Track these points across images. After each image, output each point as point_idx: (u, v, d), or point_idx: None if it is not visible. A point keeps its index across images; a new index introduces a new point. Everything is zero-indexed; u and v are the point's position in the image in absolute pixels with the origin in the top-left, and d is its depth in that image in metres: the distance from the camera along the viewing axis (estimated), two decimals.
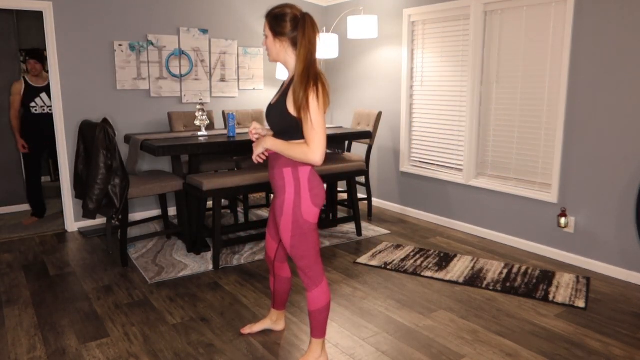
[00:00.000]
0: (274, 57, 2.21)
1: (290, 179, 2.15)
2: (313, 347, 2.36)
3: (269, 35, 2.16)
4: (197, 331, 2.76)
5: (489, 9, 4.10)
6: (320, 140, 2.04)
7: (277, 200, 2.20)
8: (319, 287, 2.25)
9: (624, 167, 3.37)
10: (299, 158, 2.08)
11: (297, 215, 2.15)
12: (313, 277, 2.24)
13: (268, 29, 2.16)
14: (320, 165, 2.12)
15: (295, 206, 2.15)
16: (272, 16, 2.14)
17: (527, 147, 3.97)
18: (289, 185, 2.15)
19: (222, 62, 5.20)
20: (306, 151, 2.05)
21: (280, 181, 2.17)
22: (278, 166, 2.17)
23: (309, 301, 2.27)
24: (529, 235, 4.01)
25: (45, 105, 4.74)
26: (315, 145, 2.04)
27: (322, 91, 2.06)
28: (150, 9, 4.74)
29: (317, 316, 2.28)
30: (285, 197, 2.16)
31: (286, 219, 2.17)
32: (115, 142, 3.49)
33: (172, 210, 5.08)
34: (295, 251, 2.20)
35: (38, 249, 4.11)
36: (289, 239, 2.19)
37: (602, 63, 3.41)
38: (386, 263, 3.73)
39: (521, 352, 2.54)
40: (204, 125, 4.20)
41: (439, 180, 4.72)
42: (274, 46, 2.17)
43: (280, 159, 2.17)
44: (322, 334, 2.34)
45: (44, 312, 3.00)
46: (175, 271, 3.59)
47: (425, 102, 4.78)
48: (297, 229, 2.17)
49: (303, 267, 2.23)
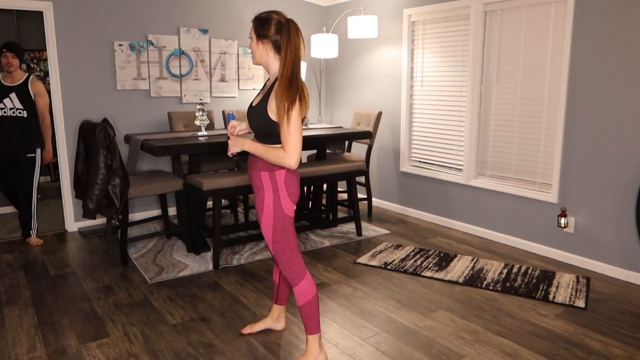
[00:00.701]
0: (257, 59, 2.28)
1: (268, 181, 2.24)
2: (310, 344, 2.38)
3: (254, 37, 2.24)
4: (197, 331, 2.76)
5: (489, 9, 4.10)
6: (296, 145, 2.11)
7: (257, 198, 2.29)
8: (304, 279, 2.31)
9: (624, 167, 3.37)
10: (275, 162, 2.15)
11: (278, 212, 2.24)
12: (296, 270, 2.30)
13: (253, 31, 2.24)
14: (294, 169, 2.18)
15: (276, 202, 2.24)
16: (258, 19, 2.22)
17: (527, 147, 3.97)
18: (266, 187, 2.24)
19: (222, 62, 5.20)
20: (282, 156, 2.12)
21: (258, 182, 2.26)
22: (256, 168, 2.25)
23: (297, 296, 2.32)
24: (529, 235, 4.01)
25: (15, 108, 4.05)
26: (290, 150, 2.11)
27: (304, 101, 2.14)
28: (150, 9, 4.74)
29: (308, 309, 2.32)
30: (265, 195, 2.25)
31: (267, 215, 2.25)
32: (115, 142, 3.49)
33: (172, 210, 5.08)
34: (277, 246, 2.27)
35: (38, 249, 4.11)
36: (270, 234, 2.27)
37: (602, 63, 3.41)
38: (386, 263, 3.73)
39: (521, 352, 2.54)
40: (204, 125, 4.20)
41: (439, 180, 4.72)
42: (257, 48, 2.24)
43: (258, 162, 2.24)
44: (316, 329, 2.36)
45: (44, 312, 3.00)
46: (175, 271, 3.59)
47: (425, 102, 4.78)
48: (279, 223, 2.25)
49: (286, 262, 2.29)
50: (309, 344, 2.38)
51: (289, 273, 2.30)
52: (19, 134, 4.10)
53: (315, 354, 2.37)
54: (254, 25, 2.23)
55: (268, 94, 2.19)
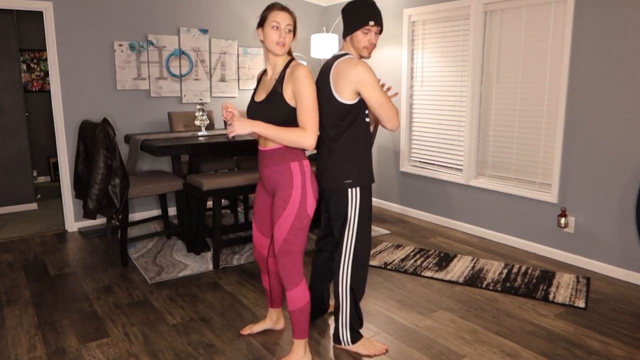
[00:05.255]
0: (284, 51, 2.21)
1: (298, 172, 2.19)
2: (296, 347, 2.38)
3: (292, 31, 2.19)
4: (197, 331, 2.76)
5: (489, 9, 4.10)
6: (316, 124, 2.13)
7: (281, 194, 2.20)
8: (299, 286, 2.28)
9: (624, 167, 3.37)
10: (291, 142, 2.12)
11: (302, 210, 2.19)
12: (294, 275, 2.26)
13: (293, 25, 2.19)
14: (312, 149, 2.17)
15: (302, 200, 2.19)
16: (291, 12, 2.21)
17: (527, 147, 3.97)
18: (296, 179, 2.19)
19: (222, 62, 5.20)
20: (301, 135, 2.11)
21: (287, 176, 2.19)
22: (283, 161, 2.19)
23: (289, 301, 2.29)
24: (529, 235, 4.01)
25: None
26: (311, 128, 2.11)
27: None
28: (150, 9, 4.74)
29: (298, 316, 2.31)
30: (293, 191, 2.18)
31: (289, 213, 2.19)
32: (115, 142, 3.49)
33: (172, 210, 5.08)
34: (287, 245, 2.22)
35: (38, 249, 4.11)
36: (285, 233, 2.21)
37: (602, 63, 3.41)
38: (386, 263, 3.73)
39: (521, 352, 2.54)
40: (204, 125, 4.20)
41: (439, 180, 4.72)
42: (290, 43, 2.22)
43: (285, 155, 2.19)
44: (304, 335, 2.36)
45: (44, 312, 3.00)
46: (175, 271, 3.59)
47: (425, 102, 4.78)
48: (297, 223, 2.20)
49: (287, 264, 2.25)
50: (295, 347, 2.38)
51: (286, 276, 2.26)
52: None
53: (299, 358, 2.37)
54: (293, 19, 2.19)
55: (279, 84, 2.17)
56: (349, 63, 2.24)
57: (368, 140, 2.40)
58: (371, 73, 2.23)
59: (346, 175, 2.35)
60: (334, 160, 2.36)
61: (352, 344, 2.46)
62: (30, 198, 5.32)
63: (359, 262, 2.44)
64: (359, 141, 2.36)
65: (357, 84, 2.22)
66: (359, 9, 2.32)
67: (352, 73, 2.21)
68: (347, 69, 2.22)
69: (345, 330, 2.46)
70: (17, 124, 5.16)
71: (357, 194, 2.37)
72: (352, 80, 2.22)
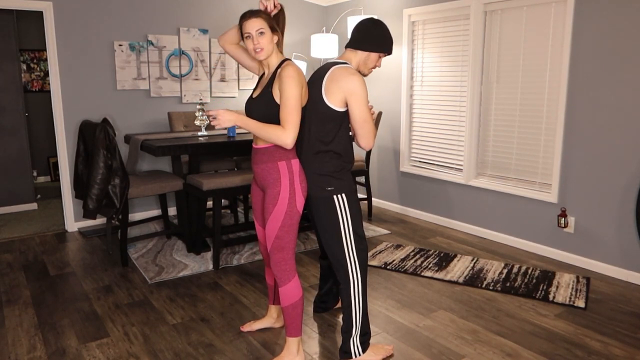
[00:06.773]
0: (266, 54, 2.21)
1: (285, 171, 2.22)
2: (289, 345, 2.38)
3: (267, 31, 2.18)
4: (197, 331, 2.76)
5: (489, 9, 4.10)
6: (295, 123, 2.13)
7: (270, 192, 2.24)
8: (292, 281, 2.30)
9: (624, 167, 3.37)
10: (270, 138, 2.14)
11: (291, 206, 2.23)
12: (287, 271, 2.29)
13: (267, 25, 2.18)
14: (291, 147, 2.16)
15: (291, 197, 2.22)
16: (266, 13, 2.21)
17: (527, 147, 3.97)
18: (284, 178, 2.22)
19: (222, 62, 5.20)
20: (279, 133, 2.12)
21: (275, 174, 2.23)
22: (271, 160, 2.23)
23: (282, 297, 2.31)
24: (529, 235, 4.01)
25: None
26: (290, 127, 2.12)
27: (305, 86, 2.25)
28: (150, 9, 4.74)
29: (291, 312, 2.32)
30: (281, 188, 2.22)
31: (280, 209, 2.22)
32: (115, 142, 3.49)
33: (172, 210, 5.08)
34: (279, 242, 2.25)
35: (38, 249, 4.11)
36: (277, 230, 2.24)
37: (602, 63, 3.41)
38: (386, 263, 3.73)
39: (521, 352, 2.54)
40: (204, 125, 4.20)
41: (439, 180, 4.72)
42: (271, 43, 2.22)
43: (274, 154, 2.23)
44: (297, 332, 2.37)
45: (44, 312, 3.00)
46: (175, 271, 3.59)
47: (425, 102, 4.78)
48: (288, 219, 2.23)
49: (280, 260, 2.27)
50: (288, 345, 2.38)
51: (279, 272, 2.29)
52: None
53: (292, 357, 2.37)
54: (265, 20, 2.17)
55: (271, 81, 2.22)
56: (346, 71, 2.25)
57: (348, 155, 2.39)
58: (364, 87, 2.25)
59: (328, 182, 2.34)
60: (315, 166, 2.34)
61: (363, 353, 2.45)
62: (30, 198, 5.32)
63: (361, 262, 2.43)
64: (339, 152, 2.35)
65: (348, 92, 2.23)
66: (388, 35, 2.37)
67: (347, 81, 2.23)
68: (343, 76, 2.24)
69: (355, 341, 2.44)
70: (17, 124, 5.16)
71: (344, 199, 2.36)
72: (345, 88, 2.23)
